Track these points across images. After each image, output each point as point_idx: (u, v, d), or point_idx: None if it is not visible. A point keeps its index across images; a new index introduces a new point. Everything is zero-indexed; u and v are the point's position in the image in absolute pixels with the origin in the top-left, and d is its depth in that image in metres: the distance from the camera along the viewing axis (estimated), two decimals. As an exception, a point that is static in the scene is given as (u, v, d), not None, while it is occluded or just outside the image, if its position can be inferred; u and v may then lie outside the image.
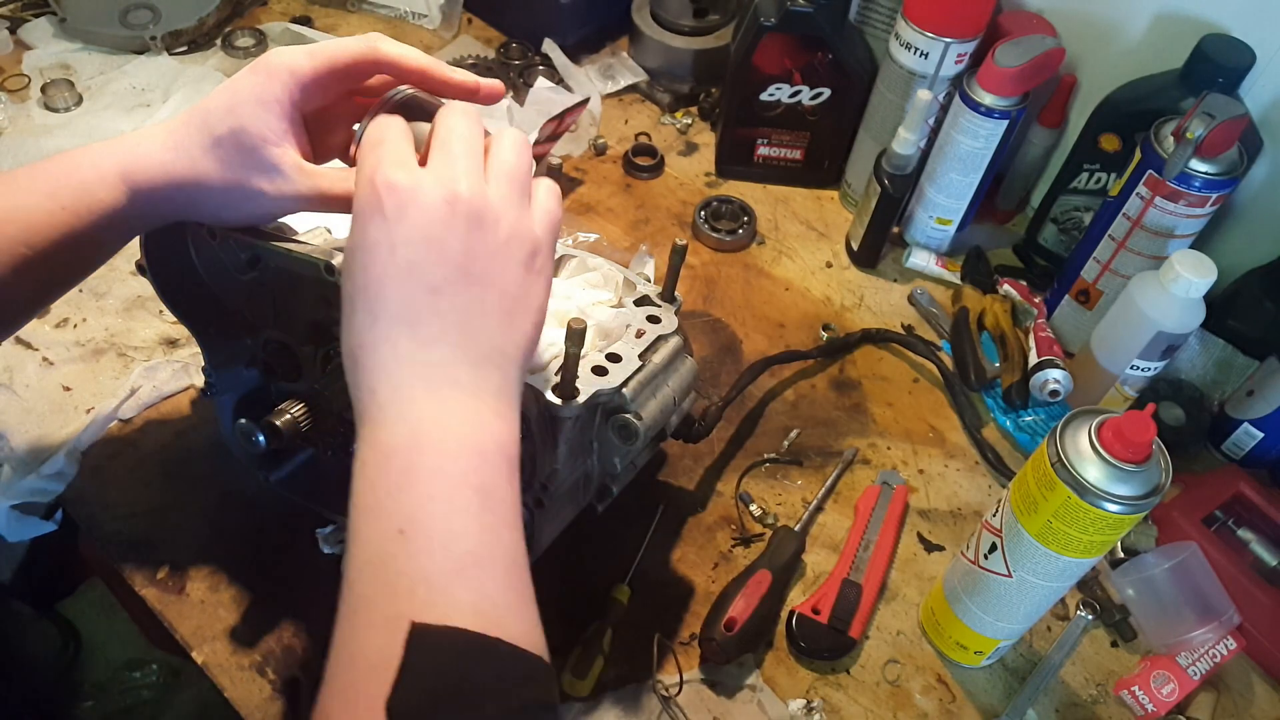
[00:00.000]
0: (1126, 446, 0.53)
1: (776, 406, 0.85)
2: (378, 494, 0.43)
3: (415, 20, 1.16)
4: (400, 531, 0.41)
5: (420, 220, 0.45)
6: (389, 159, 0.47)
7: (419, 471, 0.43)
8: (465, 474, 0.44)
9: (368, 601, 0.41)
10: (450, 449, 0.44)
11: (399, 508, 0.42)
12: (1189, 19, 0.83)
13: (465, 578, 0.41)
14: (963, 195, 0.92)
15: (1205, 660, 0.69)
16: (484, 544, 0.43)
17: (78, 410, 0.77)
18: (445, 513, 0.42)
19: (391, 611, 0.40)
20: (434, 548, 0.42)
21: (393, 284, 0.44)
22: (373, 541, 0.42)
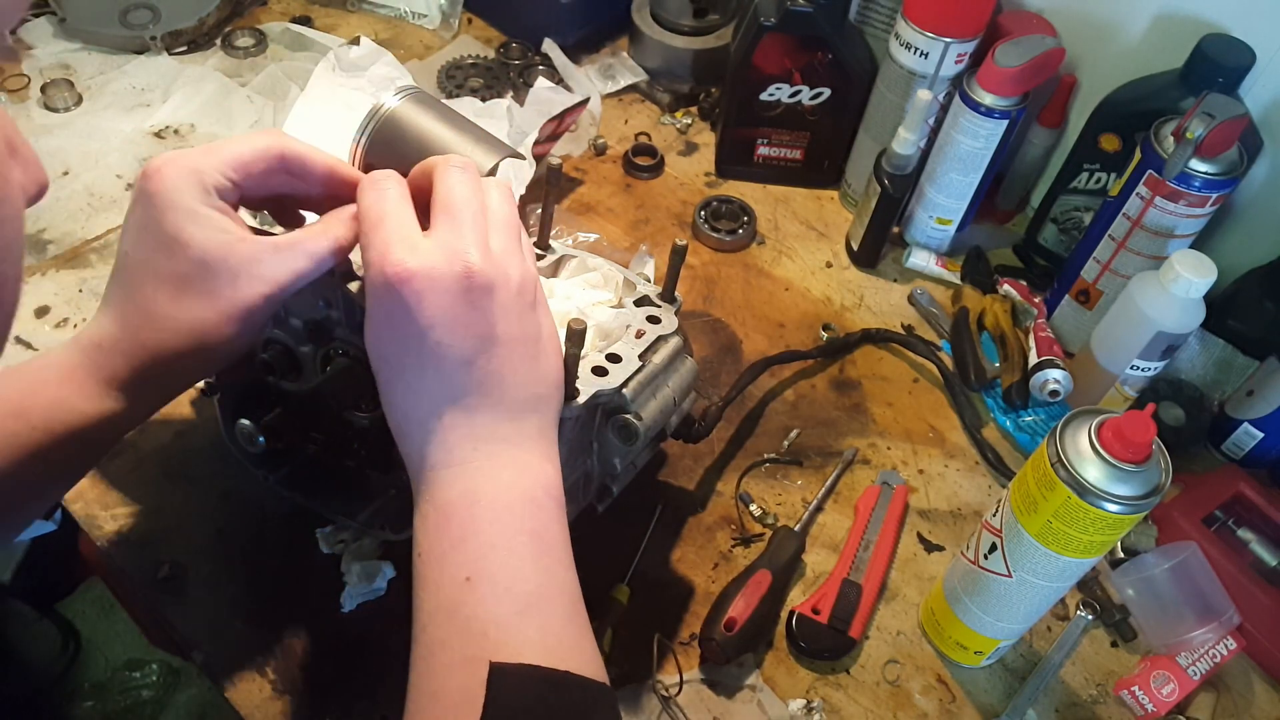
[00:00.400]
0: (1126, 446, 0.53)
1: (776, 406, 0.85)
2: (442, 546, 0.46)
3: (415, 20, 1.16)
4: (467, 579, 0.45)
5: (442, 303, 0.46)
6: (395, 241, 0.46)
7: (478, 524, 0.46)
8: (520, 522, 0.47)
9: (443, 645, 0.44)
10: (504, 500, 0.47)
11: (463, 558, 0.46)
12: (1189, 19, 0.83)
13: (530, 617, 0.45)
14: (963, 195, 0.92)
15: (1205, 660, 0.69)
16: (543, 585, 0.47)
17: (78, 410, 0.77)
18: (505, 559, 0.46)
19: (467, 653, 0.43)
20: (499, 592, 0.45)
21: (429, 367, 0.46)
22: (442, 589, 0.45)
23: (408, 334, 0.46)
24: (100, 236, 0.89)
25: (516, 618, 0.45)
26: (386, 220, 0.47)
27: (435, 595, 0.46)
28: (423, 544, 0.47)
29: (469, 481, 0.47)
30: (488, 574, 0.45)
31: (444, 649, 0.44)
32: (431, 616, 0.45)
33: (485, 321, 0.47)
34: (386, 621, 0.68)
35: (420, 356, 0.46)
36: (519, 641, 0.44)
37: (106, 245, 0.89)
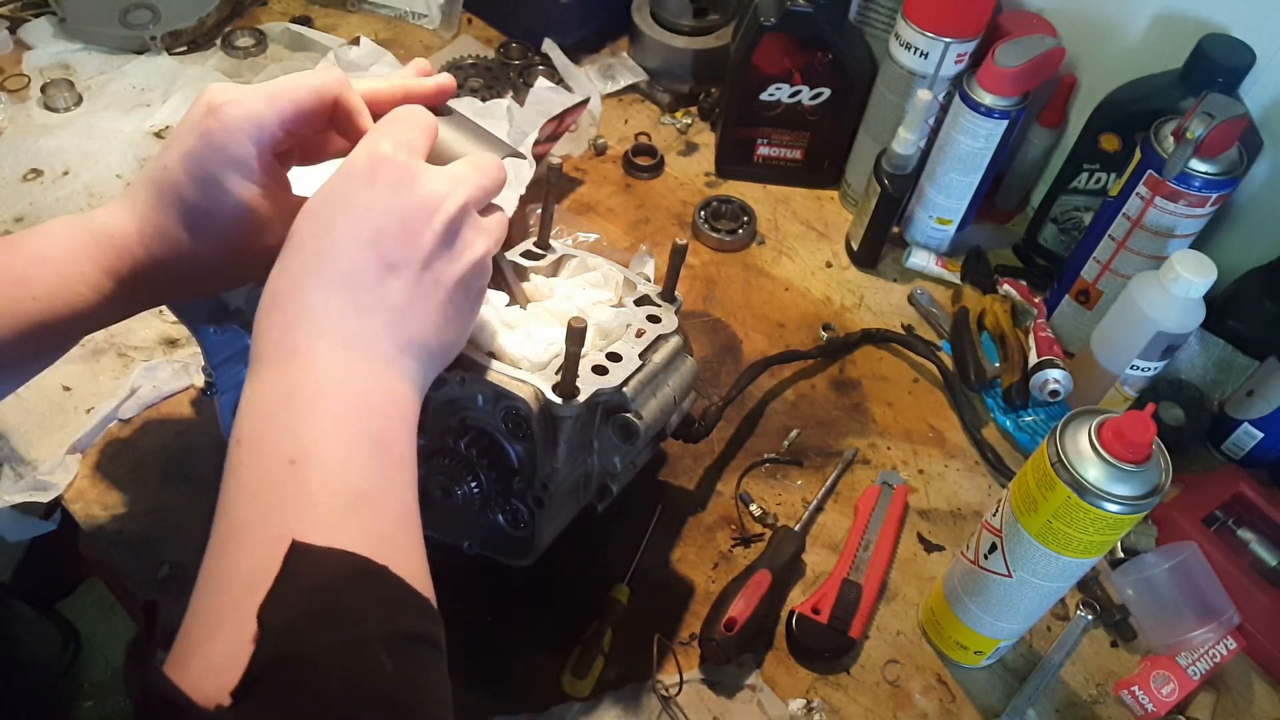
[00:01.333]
0: (1126, 446, 0.53)
1: (776, 406, 0.85)
2: (271, 429, 0.41)
3: (415, 20, 1.16)
4: (291, 461, 0.40)
5: (407, 202, 0.45)
6: (401, 139, 0.47)
7: (318, 413, 0.42)
8: (366, 425, 0.43)
9: (246, 526, 0.39)
10: (354, 402, 0.43)
11: (293, 440, 0.41)
12: (1189, 19, 0.83)
13: (357, 512, 0.40)
14: (963, 195, 0.92)
15: (1205, 660, 0.69)
16: (378, 487, 0.42)
17: (78, 410, 0.77)
18: (342, 451, 0.41)
19: (274, 534, 0.38)
20: (327, 478, 0.40)
21: (353, 245, 0.44)
22: (259, 471, 0.41)
23: (354, 206, 0.45)
24: (100, 236, 0.89)
25: (341, 509, 0.40)
26: (402, 125, 0.48)
27: (250, 478, 0.40)
28: (246, 428, 0.42)
29: (322, 373, 0.43)
30: (317, 459, 0.40)
31: (247, 530, 0.39)
32: (237, 499, 0.40)
33: (430, 250, 0.46)
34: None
35: (350, 231, 0.44)
36: (337, 530, 0.39)
37: (106, 245, 0.89)
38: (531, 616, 0.70)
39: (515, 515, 0.64)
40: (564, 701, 0.66)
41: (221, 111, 0.48)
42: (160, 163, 0.50)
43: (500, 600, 0.70)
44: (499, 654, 0.68)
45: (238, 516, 0.40)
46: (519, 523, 0.64)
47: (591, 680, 0.66)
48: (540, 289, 0.65)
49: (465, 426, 0.60)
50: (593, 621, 0.69)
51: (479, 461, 0.60)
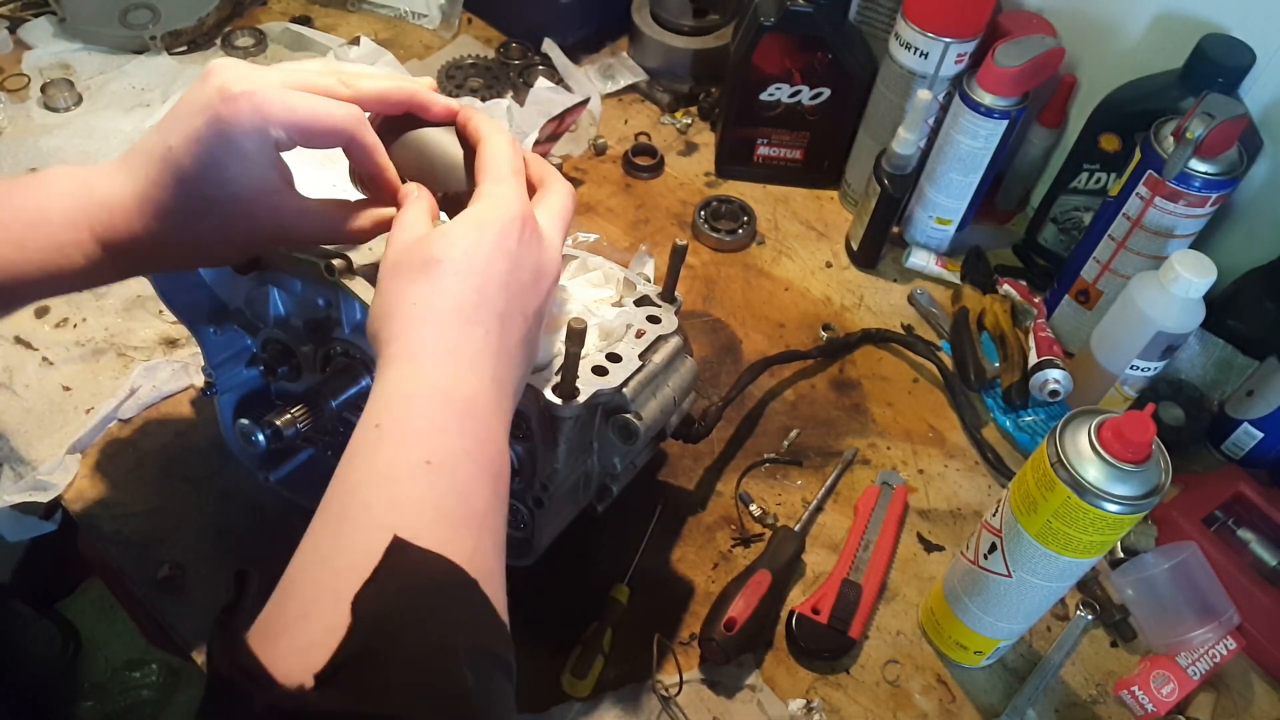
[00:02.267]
0: (1126, 446, 0.53)
1: (776, 406, 0.85)
2: (413, 425, 0.43)
3: (415, 20, 1.16)
4: (428, 463, 0.42)
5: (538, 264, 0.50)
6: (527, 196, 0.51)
7: (463, 431, 0.44)
8: (493, 456, 0.45)
9: (367, 509, 0.40)
10: (491, 431, 0.46)
11: (434, 446, 0.43)
12: (1189, 19, 0.83)
13: (470, 529, 0.42)
14: (962, 195, 0.92)
15: (1205, 660, 0.69)
16: (489, 514, 0.44)
17: (78, 410, 0.77)
18: (473, 472, 0.44)
19: (387, 522, 0.39)
20: (455, 489, 0.42)
21: (509, 294, 0.48)
22: (395, 462, 0.42)
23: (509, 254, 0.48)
24: (100, 236, 0.89)
25: (459, 519, 0.42)
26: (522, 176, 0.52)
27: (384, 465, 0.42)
28: (388, 416, 0.43)
29: (476, 395, 0.45)
30: (451, 470, 0.42)
31: (365, 512, 0.40)
32: (366, 483, 0.42)
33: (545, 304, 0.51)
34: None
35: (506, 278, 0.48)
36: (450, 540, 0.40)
37: (106, 245, 0.89)
38: (531, 616, 0.70)
39: (515, 515, 0.64)
40: (564, 701, 0.66)
41: (236, 103, 0.48)
42: (163, 140, 0.49)
43: (500, 600, 0.70)
44: (499, 654, 0.68)
45: (363, 498, 0.41)
46: (519, 523, 0.65)
47: (591, 680, 0.66)
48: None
49: (465, 427, 0.60)
50: (593, 621, 0.69)
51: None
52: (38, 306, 0.83)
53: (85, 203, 0.51)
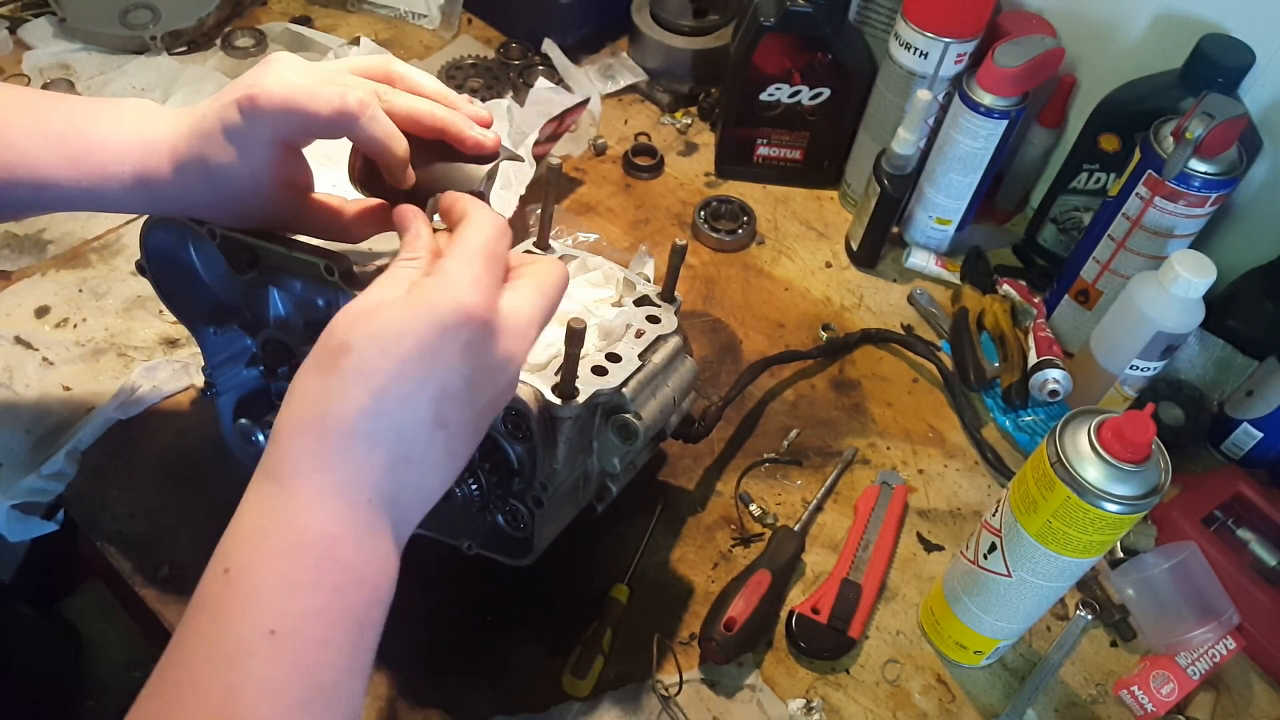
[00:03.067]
0: (1126, 446, 0.53)
1: (776, 406, 0.85)
2: (264, 577, 0.39)
3: (415, 20, 1.16)
4: (272, 632, 0.38)
5: (481, 364, 0.43)
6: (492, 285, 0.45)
7: (318, 584, 0.40)
8: (357, 605, 0.41)
9: (203, 692, 0.37)
10: (358, 573, 0.41)
11: (282, 605, 0.39)
12: (1188, 19, 0.83)
13: (313, 713, 0.39)
14: (962, 195, 0.92)
15: (1205, 660, 0.69)
16: (342, 685, 0.40)
17: (78, 410, 0.77)
18: (325, 636, 0.39)
19: (222, 714, 0.37)
20: (299, 666, 0.38)
21: (415, 403, 0.41)
22: (235, 627, 0.38)
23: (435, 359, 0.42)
24: (100, 236, 0.89)
25: (300, 706, 0.38)
26: (495, 260, 0.46)
27: (224, 630, 0.38)
28: (242, 558, 0.39)
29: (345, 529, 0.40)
30: (297, 640, 0.38)
31: (203, 697, 0.37)
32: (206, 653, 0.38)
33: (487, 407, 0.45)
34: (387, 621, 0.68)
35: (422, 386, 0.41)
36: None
37: (106, 245, 0.89)
38: (531, 616, 0.70)
39: (515, 515, 0.64)
40: (564, 701, 0.66)
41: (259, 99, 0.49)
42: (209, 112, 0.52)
43: (500, 600, 0.70)
44: (499, 654, 0.68)
45: (198, 677, 0.37)
46: (519, 523, 0.65)
47: (591, 680, 0.66)
48: (540, 289, 0.65)
49: (465, 427, 0.60)
50: (593, 621, 0.69)
51: (479, 462, 0.60)
52: (38, 306, 0.83)
53: (137, 141, 0.54)
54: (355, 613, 0.41)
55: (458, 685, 0.67)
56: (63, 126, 0.54)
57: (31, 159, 0.54)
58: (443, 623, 0.69)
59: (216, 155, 0.51)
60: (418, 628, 0.68)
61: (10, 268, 0.86)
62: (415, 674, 0.67)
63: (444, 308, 0.42)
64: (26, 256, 0.87)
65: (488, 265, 0.45)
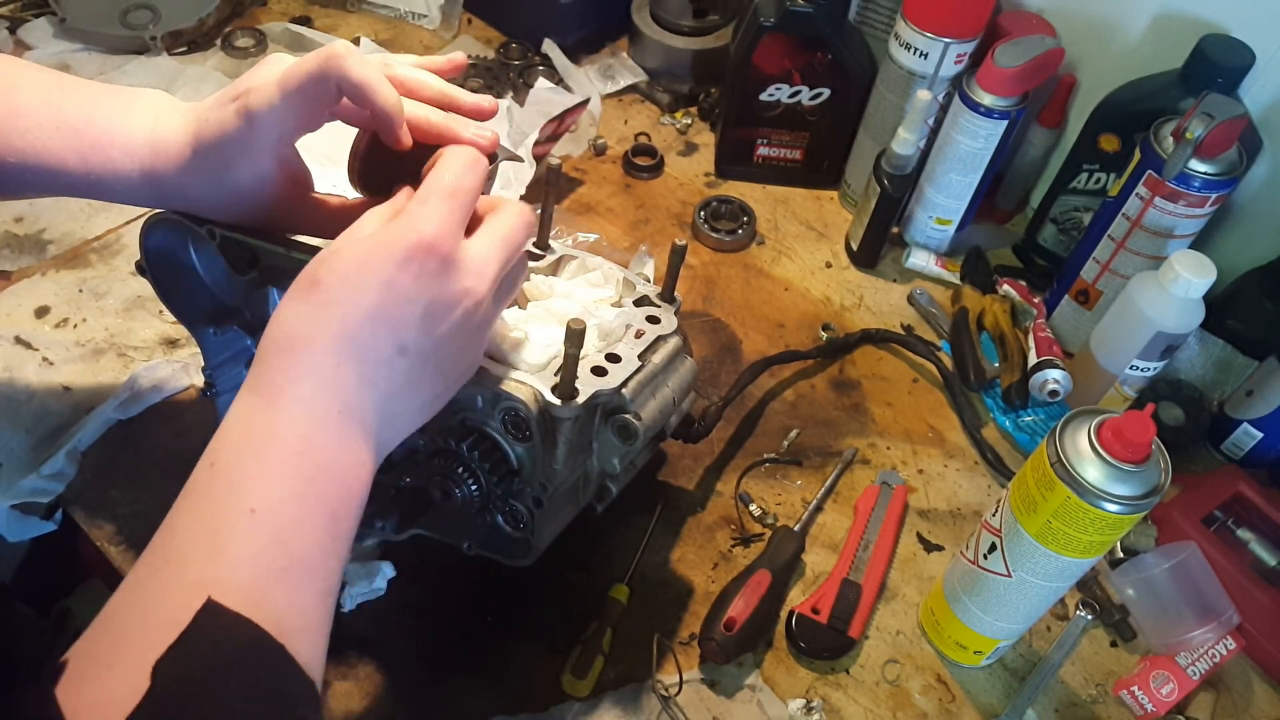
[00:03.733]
0: (1126, 446, 0.53)
1: (776, 406, 0.85)
2: (245, 469, 0.43)
3: (415, 20, 1.16)
4: (251, 510, 0.42)
5: (436, 294, 0.47)
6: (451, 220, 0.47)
7: (294, 472, 0.44)
8: (330, 496, 0.45)
9: (183, 559, 0.41)
10: (328, 470, 0.45)
11: (259, 489, 0.42)
12: (1188, 19, 0.83)
13: (288, 580, 0.42)
14: (962, 195, 0.92)
15: (1205, 660, 0.69)
16: (315, 558, 0.43)
17: (78, 410, 0.77)
18: (300, 516, 0.43)
19: (203, 576, 0.40)
20: (275, 539, 0.42)
21: (375, 326, 0.46)
22: (218, 510, 0.42)
23: (391, 287, 0.45)
24: (100, 237, 0.89)
25: (276, 573, 0.41)
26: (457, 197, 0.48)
27: (204, 510, 0.42)
28: (222, 454, 0.43)
29: (315, 431, 0.44)
30: (275, 516, 0.42)
31: (181, 562, 0.41)
32: (187, 528, 0.42)
33: (443, 341, 0.48)
34: (387, 621, 0.68)
35: (380, 310, 0.45)
36: (262, 597, 0.40)
37: (106, 245, 0.89)
38: (531, 616, 0.70)
39: (515, 516, 0.64)
40: (564, 701, 0.66)
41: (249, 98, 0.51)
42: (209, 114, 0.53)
43: (500, 600, 0.70)
44: (499, 654, 0.68)
45: (183, 546, 0.41)
46: (518, 523, 0.65)
47: (591, 680, 0.66)
48: (540, 288, 0.65)
49: (465, 428, 0.61)
50: (593, 621, 0.69)
51: (479, 463, 0.60)
52: (38, 306, 0.83)
53: (147, 140, 0.55)
54: (329, 502, 0.44)
55: (458, 685, 0.67)
56: (75, 118, 0.55)
57: (43, 148, 0.54)
58: (443, 623, 0.69)
59: (220, 159, 0.52)
60: (418, 628, 0.69)
61: (10, 268, 0.86)
62: (415, 674, 0.67)
63: (401, 241, 0.46)
64: (26, 256, 0.87)
65: (449, 203, 0.48)
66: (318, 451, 0.44)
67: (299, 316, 0.46)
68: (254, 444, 0.44)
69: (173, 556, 0.41)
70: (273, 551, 0.42)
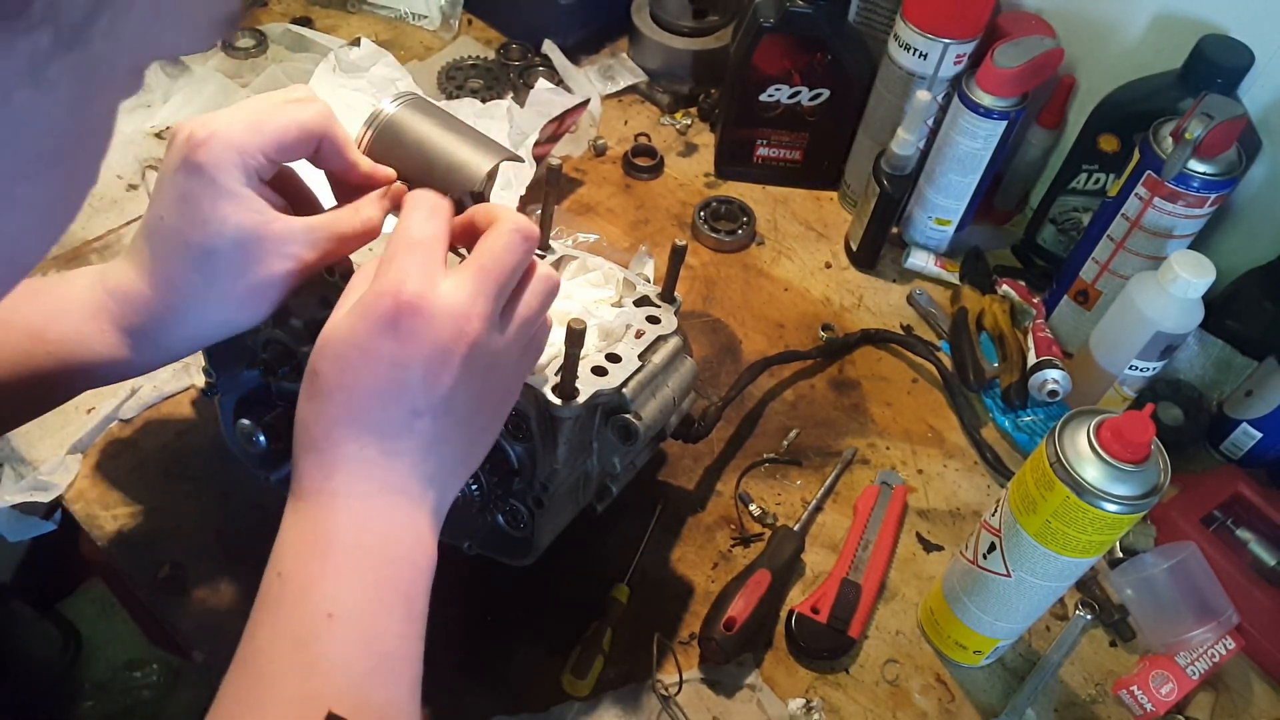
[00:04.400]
0: (1125, 446, 0.53)
1: (776, 406, 0.85)
2: (310, 574, 0.43)
3: (415, 21, 1.16)
4: (329, 615, 0.42)
5: (429, 350, 0.45)
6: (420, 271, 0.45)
7: (358, 569, 0.44)
8: (397, 580, 0.45)
9: (281, 677, 0.41)
10: (389, 553, 0.45)
11: (332, 592, 0.43)
12: (1188, 19, 0.83)
13: (381, 677, 0.42)
14: (961, 196, 0.92)
15: (1204, 660, 0.69)
16: (401, 650, 0.44)
17: (78, 410, 0.77)
18: (375, 610, 0.44)
19: (306, 691, 0.40)
20: (360, 639, 0.42)
21: (381, 399, 0.45)
22: (297, 618, 0.42)
23: (379, 360, 0.44)
24: (100, 237, 0.89)
25: (368, 673, 0.42)
26: (423, 246, 0.47)
27: (288, 623, 0.42)
28: (286, 563, 0.44)
29: (361, 519, 0.45)
30: (353, 617, 0.42)
31: (281, 680, 0.41)
32: (274, 644, 0.42)
33: (452, 391, 0.46)
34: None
35: (377, 386, 0.45)
36: (363, 698, 0.41)
37: (106, 246, 0.89)
38: (531, 616, 0.70)
39: (515, 515, 0.64)
40: (564, 701, 0.66)
41: (205, 147, 0.48)
42: (155, 212, 0.50)
43: (500, 600, 0.70)
44: (499, 654, 0.68)
45: (274, 664, 0.42)
46: (519, 523, 0.65)
47: (591, 680, 0.66)
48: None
49: (465, 427, 0.61)
50: (593, 621, 0.69)
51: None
52: (38, 307, 0.83)
53: (101, 295, 0.52)
54: (398, 585, 0.45)
55: (458, 685, 0.67)
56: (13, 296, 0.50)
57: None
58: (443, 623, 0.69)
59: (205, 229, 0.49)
60: (418, 628, 0.69)
61: (11, 268, 0.86)
62: (415, 674, 0.67)
63: (376, 309, 0.45)
64: (27, 257, 0.87)
65: (413, 256, 0.46)
66: (374, 539, 0.45)
67: (310, 413, 0.46)
68: (312, 548, 0.44)
69: (265, 674, 0.41)
70: (359, 652, 0.42)
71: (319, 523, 0.44)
